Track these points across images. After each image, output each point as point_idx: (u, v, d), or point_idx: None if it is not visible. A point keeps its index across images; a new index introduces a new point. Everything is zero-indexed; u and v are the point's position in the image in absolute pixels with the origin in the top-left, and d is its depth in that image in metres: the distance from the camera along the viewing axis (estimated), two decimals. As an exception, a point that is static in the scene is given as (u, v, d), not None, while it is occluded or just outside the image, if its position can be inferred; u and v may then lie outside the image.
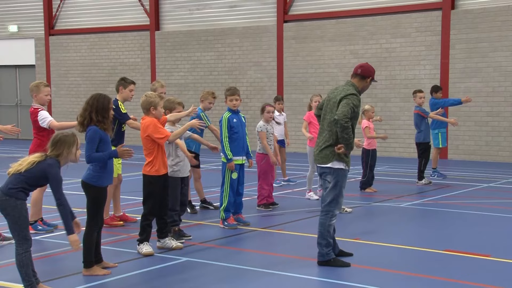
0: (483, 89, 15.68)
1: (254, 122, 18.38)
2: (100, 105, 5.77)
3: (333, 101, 5.96)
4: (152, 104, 6.45)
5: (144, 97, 6.54)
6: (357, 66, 6.13)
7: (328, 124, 5.96)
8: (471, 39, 15.75)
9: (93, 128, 5.75)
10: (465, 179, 12.33)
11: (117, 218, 8.04)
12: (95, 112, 5.74)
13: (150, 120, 6.42)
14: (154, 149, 6.41)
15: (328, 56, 17.76)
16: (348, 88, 5.94)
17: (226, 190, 7.83)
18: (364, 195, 10.39)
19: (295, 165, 14.38)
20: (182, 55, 20.24)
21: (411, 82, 16.59)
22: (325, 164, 5.95)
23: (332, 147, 5.92)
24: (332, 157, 5.91)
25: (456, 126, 12.28)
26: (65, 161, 5.18)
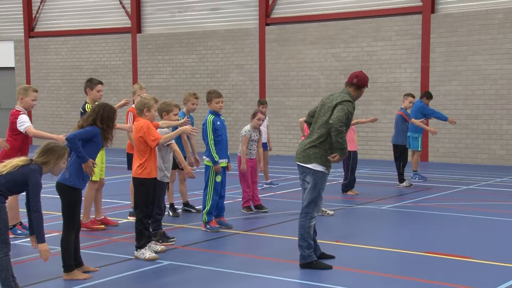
0: (463, 92, 15.85)
1: (237, 125, 18.42)
2: (106, 114, 5.82)
3: (328, 106, 5.99)
4: (146, 105, 6.45)
5: (139, 98, 6.58)
6: (352, 75, 6.10)
7: (319, 127, 5.98)
8: (450, 43, 15.91)
9: (97, 129, 5.76)
10: (446, 181, 12.43)
11: (98, 221, 7.98)
12: (100, 119, 5.78)
13: (144, 122, 6.42)
14: (146, 151, 6.39)
15: (310, 59, 17.82)
16: (344, 95, 5.97)
17: (209, 193, 7.81)
18: (346, 198, 10.43)
19: (277, 168, 14.39)
20: (164, 57, 20.17)
21: (392, 85, 16.71)
22: (306, 164, 5.97)
23: (316, 149, 5.93)
24: (314, 158, 5.93)
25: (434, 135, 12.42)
26: (49, 170, 5.15)
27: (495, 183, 12.22)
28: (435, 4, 16.20)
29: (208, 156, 7.81)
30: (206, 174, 7.86)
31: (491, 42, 15.42)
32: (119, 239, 7.35)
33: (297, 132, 17.78)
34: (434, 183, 12.15)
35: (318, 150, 5.92)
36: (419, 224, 8.28)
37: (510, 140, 15.37)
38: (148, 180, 6.42)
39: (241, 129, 17.93)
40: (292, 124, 18.11)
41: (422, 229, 7.94)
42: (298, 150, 6.09)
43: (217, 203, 7.88)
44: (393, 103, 16.57)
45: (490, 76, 15.50)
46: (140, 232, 6.44)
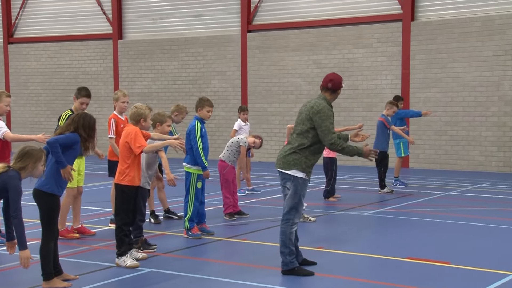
0: (442, 99, 16.01)
1: (218, 131, 18.44)
2: (87, 124, 5.76)
3: (305, 114, 5.99)
4: (142, 116, 6.47)
5: (134, 108, 6.54)
6: (326, 79, 6.10)
7: (298, 135, 6.01)
8: (430, 50, 16.08)
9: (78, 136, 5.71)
10: (426, 187, 12.54)
11: (75, 230, 7.88)
12: (83, 129, 5.72)
13: (133, 128, 6.41)
14: (130, 157, 6.36)
15: (292, 65, 17.89)
16: (319, 102, 5.98)
17: (191, 200, 7.80)
18: (328, 204, 10.46)
19: (259, 175, 14.40)
20: (146, 64, 20.11)
21: (373, 92, 16.84)
22: (286, 170, 5.99)
23: (296, 155, 5.95)
24: (294, 164, 5.95)
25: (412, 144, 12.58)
26: (28, 175, 5.10)
27: (474, 189, 12.35)
28: (415, 12, 16.38)
29: (189, 162, 7.81)
30: (187, 181, 7.85)
31: (469, 50, 15.62)
32: (100, 247, 7.29)
33: (279, 138, 17.82)
34: (415, 189, 12.24)
35: (298, 156, 5.94)
36: (400, 230, 8.34)
37: (489, 146, 15.56)
38: (130, 187, 6.39)
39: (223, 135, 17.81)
40: (274, 130, 18.15)
41: (403, 235, 7.99)
42: (278, 156, 6.10)
43: (198, 210, 7.86)
44: (374, 110, 16.69)
45: (469, 83, 15.69)
46: (121, 239, 6.40)
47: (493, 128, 15.48)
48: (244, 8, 18.36)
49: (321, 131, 5.86)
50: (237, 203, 9.27)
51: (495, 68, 15.36)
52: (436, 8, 16.16)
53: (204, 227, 8.01)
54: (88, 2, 20.83)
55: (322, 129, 5.86)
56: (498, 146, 15.44)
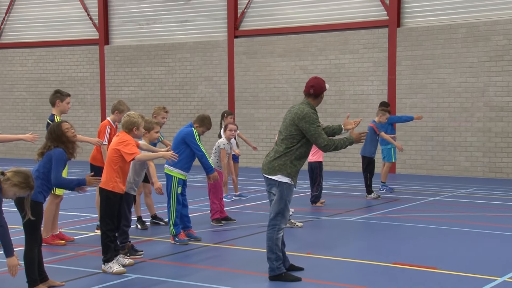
0: (428, 105, 16.13)
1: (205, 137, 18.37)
2: (54, 135, 5.76)
3: (289, 119, 6.02)
4: (135, 124, 6.49)
5: (127, 117, 6.54)
6: (308, 85, 6.12)
7: (282, 140, 6.02)
8: (416, 56, 16.21)
9: (60, 150, 5.71)
10: (413, 193, 12.60)
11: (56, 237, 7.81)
12: (59, 140, 5.72)
13: (127, 136, 6.41)
14: (118, 163, 6.34)
15: (278, 71, 17.94)
16: (303, 108, 5.99)
17: (173, 205, 7.80)
18: (315, 210, 10.48)
19: (246, 180, 14.39)
20: (132, 69, 20.06)
21: (359, 98, 16.92)
22: (271, 176, 5.99)
23: (281, 160, 5.95)
24: (279, 170, 5.96)
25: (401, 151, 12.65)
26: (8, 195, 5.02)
27: (460, 194, 12.43)
28: (401, 18, 16.50)
29: (172, 164, 7.81)
30: (168, 185, 7.85)
31: (454, 56, 15.76)
32: (86, 253, 7.24)
33: (266, 144, 17.83)
34: (401, 194, 12.30)
35: (283, 161, 5.95)
36: (387, 235, 8.37)
37: (474, 152, 15.68)
38: (115, 193, 6.37)
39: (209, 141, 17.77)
40: (261, 136, 18.17)
41: (390, 240, 8.02)
42: (264, 162, 6.11)
43: (181, 213, 7.86)
44: (361, 115, 16.76)
45: (455, 89, 15.82)
46: (106, 245, 6.37)
47: (478, 133, 15.61)
48: (230, 13, 18.39)
49: (311, 136, 5.89)
50: (223, 209, 9.26)
51: (480, 74, 15.50)
52: (421, 14, 16.29)
53: (191, 232, 8.00)
54: (74, 7, 20.76)
55: (312, 133, 5.88)
56: (483, 151, 15.57)
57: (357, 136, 6.06)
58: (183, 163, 7.85)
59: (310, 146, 6.05)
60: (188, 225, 8.03)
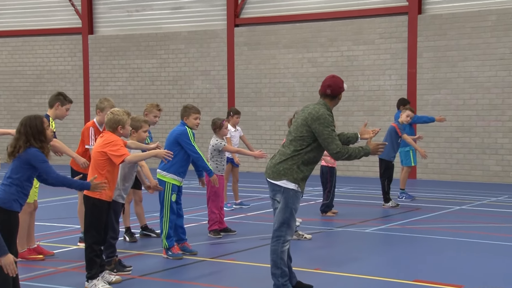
0: (453, 102, 16.12)
1: (202, 138, 18.41)
2: (34, 130, 5.64)
3: (301, 119, 6.01)
4: (119, 123, 6.46)
5: (110, 114, 6.52)
6: (324, 85, 6.13)
7: (291, 141, 6.03)
8: (439, 47, 16.20)
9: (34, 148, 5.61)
10: (435, 201, 12.59)
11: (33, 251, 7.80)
12: (33, 138, 5.61)
13: (113, 136, 6.40)
14: (105, 167, 6.33)
15: (284, 64, 17.95)
16: (319, 108, 5.99)
17: (166, 215, 7.80)
18: (325, 219, 10.48)
19: (248, 187, 14.39)
20: (120, 62, 20.08)
21: (375, 94, 16.92)
22: (275, 181, 5.99)
23: (287, 164, 5.94)
24: (284, 174, 5.95)
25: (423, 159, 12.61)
26: None
27: (490, 202, 12.42)
28: (422, 4, 16.50)
29: (166, 169, 7.82)
30: (161, 193, 7.86)
31: (483, 47, 15.74)
32: (67, 269, 7.24)
33: (270, 145, 17.83)
34: (423, 203, 12.29)
35: (290, 165, 5.94)
36: (407, 248, 8.36)
37: (506, 155, 15.66)
38: (102, 201, 6.37)
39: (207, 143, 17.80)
40: (265, 137, 18.17)
41: (409, 255, 8.01)
42: (268, 165, 6.11)
43: (175, 223, 7.86)
44: (376, 114, 16.77)
45: (483, 84, 15.81)
46: (91, 260, 6.36)
47: (510, 134, 15.59)
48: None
49: (323, 140, 5.89)
50: (223, 219, 9.26)
51: (512, 67, 15.51)
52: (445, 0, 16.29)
53: (186, 245, 7.99)
54: (54, -8, 20.84)
55: (325, 137, 5.88)
56: (515, 154, 15.56)
57: (374, 146, 6.06)
58: (178, 167, 7.85)
59: (321, 152, 6.05)
60: (182, 237, 8.03)
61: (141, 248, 8.38)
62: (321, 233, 9.41)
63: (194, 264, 7.52)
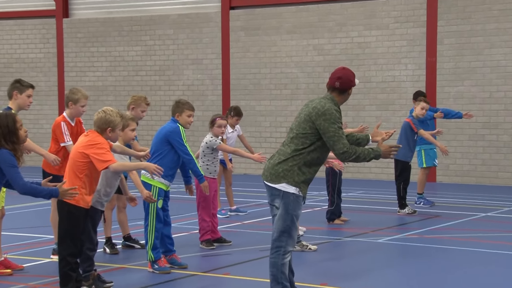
0: (478, 95, 16.13)
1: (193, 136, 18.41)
2: (5, 130, 5.66)
3: (304, 115, 6.01)
4: (111, 124, 6.49)
5: (102, 113, 6.54)
6: (333, 76, 6.14)
7: (292, 139, 6.03)
8: (463, 32, 16.20)
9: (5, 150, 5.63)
10: (458, 207, 12.60)
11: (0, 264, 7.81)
12: (3, 140, 5.63)
13: (100, 138, 6.41)
14: (84, 170, 6.34)
15: (286, 52, 17.95)
16: (325, 102, 5.99)
17: (151, 223, 7.81)
18: (332, 228, 10.49)
19: (245, 191, 14.40)
20: (99, 49, 20.07)
21: (389, 86, 16.93)
22: (273, 184, 5.99)
23: (286, 164, 5.93)
24: (283, 177, 5.94)
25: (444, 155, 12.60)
26: None
27: (520, 209, 12.46)
28: (443, -17, 16.53)
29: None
30: None
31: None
32: (39, 285, 7.24)
33: (270, 144, 17.84)
34: (443, 209, 12.31)
35: (290, 166, 5.94)
36: (425, 261, 8.37)
37: (538, 154, 15.70)
38: (78, 208, 6.37)
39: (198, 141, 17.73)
40: (264, 134, 18.18)
41: (428, 269, 8.02)
42: (266, 166, 6.11)
43: (162, 233, 7.88)
44: (391, 108, 16.79)
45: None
46: (66, 275, 6.38)
47: (542, 131, 15.63)
48: (225, -22, 18.44)
49: (329, 138, 5.89)
50: (216, 228, 9.28)
51: (545, 56, 15.53)
52: (469, -21, 16.31)
53: (174, 258, 8.01)
54: (24, -30, 20.83)
55: (330, 135, 5.88)
56: (548, 154, 15.60)
57: (386, 149, 6.09)
58: (165, 169, 7.80)
59: (326, 152, 6.06)
60: (170, 249, 8.04)
61: (123, 261, 8.38)
62: (328, 243, 9.43)
63: (184, 279, 7.53)
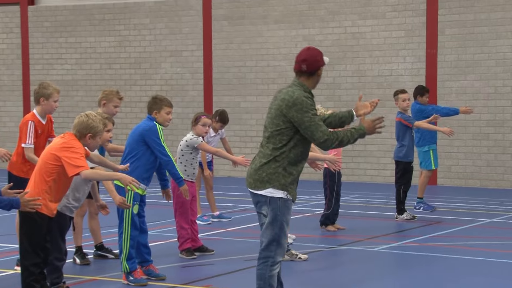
0: (483, 90, 16.18)
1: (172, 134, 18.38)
2: None
3: (274, 109, 5.98)
4: (92, 130, 6.46)
5: (84, 117, 6.50)
6: (298, 60, 6.15)
7: (268, 139, 5.99)
8: (466, 22, 16.24)
9: None
10: (461, 212, 12.64)
11: None
12: None
13: (76, 142, 6.37)
14: (52, 174, 6.31)
15: (274, 43, 17.94)
16: (293, 91, 5.98)
17: (126, 231, 7.78)
18: (324, 236, 10.49)
19: (229, 195, 14.38)
20: (68, 40, 19.99)
21: (386, 80, 16.95)
22: (258, 190, 5.96)
23: (270, 167, 5.87)
24: (268, 181, 5.91)
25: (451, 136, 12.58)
26: None
27: (528, 214, 12.51)
28: (444, -31, 16.57)
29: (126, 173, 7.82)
30: None
31: (520, 22, 15.84)
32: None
33: (256, 144, 17.80)
34: (445, 214, 12.34)
35: (274, 168, 5.89)
36: (425, 272, 8.39)
37: (547, 155, 15.78)
38: (41, 215, 6.34)
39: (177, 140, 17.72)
40: (250, 133, 18.17)
41: (428, 279, 8.04)
42: (248, 172, 6.06)
43: (137, 241, 7.86)
44: (388, 105, 16.75)
45: (519, 67, 15.92)
46: (29, 287, 6.34)
47: (552, 130, 15.72)
48: (207, -38, 18.42)
49: (306, 128, 5.85)
50: (197, 236, 9.26)
51: (555, 47, 15.62)
52: (473, -36, 16.37)
53: (152, 268, 8.00)
54: (-14, -48, 20.72)
55: (306, 125, 5.84)
56: (559, 154, 15.68)
57: (370, 125, 6.04)
58: (141, 172, 7.83)
59: (308, 144, 6.04)
60: (147, 259, 8.03)
61: (95, 272, 8.36)
62: (319, 252, 9.43)
63: (162, 292, 7.52)
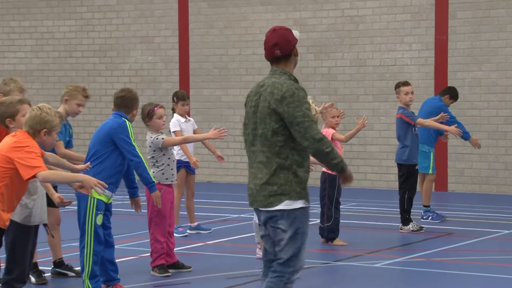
0: (500, 82, 16.24)
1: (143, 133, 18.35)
2: None
3: (263, 106, 5.91)
4: (47, 124, 6.44)
5: (37, 110, 6.47)
6: (268, 46, 6.15)
7: (263, 144, 5.98)
8: (480, 4, 16.30)
9: None
10: (474, 222, 12.68)
11: None
12: None
13: (30, 140, 6.34)
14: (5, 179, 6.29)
15: (260, 28, 17.93)
16: (282, 83, 5.95)
17: (88, 245, 7.78)
18: (320, 250, 10.48)
19: (209, 203, 14.39)
20: (22, 24, 19.93)
21: (389, 71, 16.97)
22: (274, 207, 5.91)
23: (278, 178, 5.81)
24: (283, 193, 5.87)
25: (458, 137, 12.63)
26: None
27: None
28: None
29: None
30: (81, 213, 7.83)
31: (541, 4, 15.93)
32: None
33: (240, 144, 17.80)
34: (456, 225, 12.38)
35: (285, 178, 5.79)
36: (434, 290, 8.46)
37: None
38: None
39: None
40: (233, 132, 18.07)
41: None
42: (252, 189, 5.98)
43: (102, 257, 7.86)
44: (391, 99, 16.77)
45: (541, 56, 16.01)
46: None
47: None
48: None
49: (297, 124, 5.77)
50: (173, 250, 9.27)
51: None
52: None
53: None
54: None
55: (298, 121, 5.79)
56: None
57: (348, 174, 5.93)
58: (107, 176, 7.80)
59: None
60: (113, 277, 8.05)
61: (54, 292, 8.36)
62: (317, 268, 9.44)
63: (131, 315, 7.56)
